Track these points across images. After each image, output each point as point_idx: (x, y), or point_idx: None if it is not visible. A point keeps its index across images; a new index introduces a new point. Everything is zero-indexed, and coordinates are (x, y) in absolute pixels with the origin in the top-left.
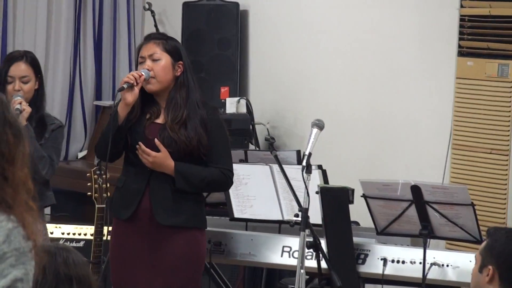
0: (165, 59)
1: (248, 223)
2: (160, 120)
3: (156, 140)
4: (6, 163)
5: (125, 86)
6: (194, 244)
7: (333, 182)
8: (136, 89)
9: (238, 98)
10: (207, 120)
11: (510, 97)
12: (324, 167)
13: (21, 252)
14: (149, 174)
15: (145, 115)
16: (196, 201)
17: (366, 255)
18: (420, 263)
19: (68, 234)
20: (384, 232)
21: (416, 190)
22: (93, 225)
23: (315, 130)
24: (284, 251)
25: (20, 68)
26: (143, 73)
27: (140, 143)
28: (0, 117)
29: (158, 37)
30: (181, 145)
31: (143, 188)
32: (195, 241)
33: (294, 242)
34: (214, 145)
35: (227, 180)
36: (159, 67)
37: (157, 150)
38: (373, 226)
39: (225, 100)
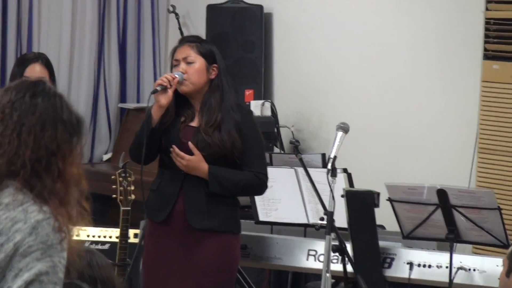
0: (199, 62)
1: (274, 226)
2: (194, 123)
3: (189, 143)
4: (54, 157)
5: (158, 88)
6: (227, 249)
7: (358, 185)
8: (170, 92)
9: (263, 101)
10: (241, 124)
11: None
12: (349, 171)
13: (48, 244)
14: (183, 177)
15: (180, 118)
16: (230, 205)
17: (392, 259)
18: (447, 267)
19: (93, 236)
20: (410, 236)
21: (442, 194)
22: (118, 227)
23: (340, 133)
24: (309, 255)
25: (35, 70)
26: (176, 76)
27: (174, 146)
28: (51, 113)
29: (192, 40)
30: (215, 149)
31: (177, 191)
32: (228, 246)
33: (319, 245)
34: (248, 148)
35: (261, 184)
36: (193, 70)
37: (191, 153)
38: (399, 230)
39: (249, 103)
